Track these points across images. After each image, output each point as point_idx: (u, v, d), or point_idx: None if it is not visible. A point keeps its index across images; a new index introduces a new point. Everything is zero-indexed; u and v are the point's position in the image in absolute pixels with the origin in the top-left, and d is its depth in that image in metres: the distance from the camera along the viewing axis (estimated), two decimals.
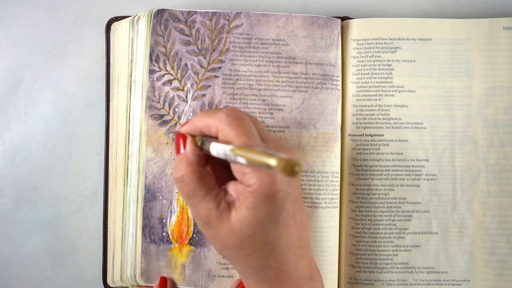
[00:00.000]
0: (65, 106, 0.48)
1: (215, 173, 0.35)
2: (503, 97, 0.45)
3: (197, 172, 0.32)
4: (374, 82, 0.45)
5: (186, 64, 0.44)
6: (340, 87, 0.45)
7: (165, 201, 0.43)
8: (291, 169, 0.25)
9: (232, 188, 0.32)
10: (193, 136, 0.34)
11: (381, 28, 0.45)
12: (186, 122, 0.35)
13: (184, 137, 0.34)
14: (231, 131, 0.31)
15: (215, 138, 0.33)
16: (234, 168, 0.31)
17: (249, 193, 0.30)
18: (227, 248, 0.32)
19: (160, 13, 0.44)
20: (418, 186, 0.44)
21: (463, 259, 0.44)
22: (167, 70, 0.44)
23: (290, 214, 0.32)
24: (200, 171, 0.33)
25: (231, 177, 0.33)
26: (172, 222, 0.43)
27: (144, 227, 0.43)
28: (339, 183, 0.44)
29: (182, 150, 0.34)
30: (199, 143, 0.33)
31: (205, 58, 0.44)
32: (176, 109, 0.44)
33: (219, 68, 0.44)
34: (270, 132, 0.44)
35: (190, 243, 0.43)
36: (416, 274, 0.44)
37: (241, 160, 0.28)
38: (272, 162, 0.26)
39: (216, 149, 0.31)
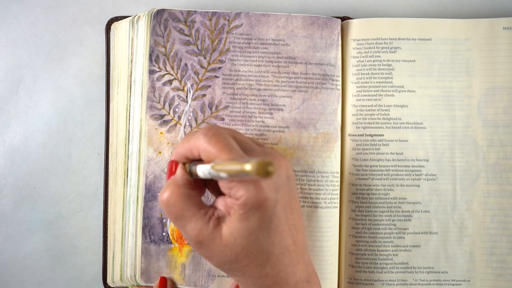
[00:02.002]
0: (65, 106, 0.48)
1: (214, 190, 0.35)
2: (503, 97, 0.45)
3: (183, 194, 0.33)
4: (374, 82, 0.45)
5: (186, 64, 0.44)
6: (340, 87, 0.45)
7: None
8: (264, 170, 0.25)
9: (221, 203, 0.32)
10: (183, 163, 0.35)
11: (381, 28, 0.45)
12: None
13: (175, 164, 0.34)
14: (212, 149, 0.31)
15: (201, 161, 0.33)
16: (222, 185, 0.32)
17: (239, 206, 0.31)
18: (223, 263, 0.32)
19: (160, 13, 0.44)
20: (418, 186, 0.44)
21: (463, 259, 0.44)
22: (167, 70, 0.44)
23: (282, 220, 0.32)
24: (187, 193, 0.33)
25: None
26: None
27: (144, 227, 0.43)
28: (339, 183, 0.44)
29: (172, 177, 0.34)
30: (188, 169, 0.34)
31: (205, 58, 0.44)
32: (176, 109, 0.44)
33: (219, 68, 0.44)
34: (270, 132, 0.44)
35: None
36: (416, 274, 0.44)
37: (223, 174, 0.29)
38: (247, 167, 0.26)
39: (202, 170, 0.31)
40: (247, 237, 0.31)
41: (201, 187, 0.35)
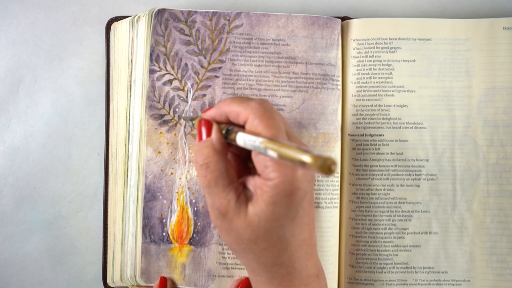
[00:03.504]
0: (65, 106, 0.48)
1: (235, 164, 0.34)
2: (503, 97, 0.45)
3: (223, 161, 0.32)
4: (374, 82, 0.45)
5: (186, 64, 0.44)
6: (340, 87, 0.45)
7: (165, 201, 0.43)
8: (328, 167, 0.25)
9: (250, 181, 0.32)
10: (218, 123, 0.33)
11: (381, 28, 0.45)
12: (210, 108, 0.34)
13: (208, 123, 0.33)
14: (262, 122, 0.30)
15: (240, 127, 0.32)
16: (256, 160, 0.31)
17: (269, 187, 0.30)
18: (240, 241, 0.32)
19: (160, 13, 0.44)
20: (418, 186, 0.45)
21: (463, 259, 0.44)
22: (167, 70, 0.44)
23: (306, 212, 0.32)
24: (225, 161, 0.32)
25: (248, 170, 0.33)
26: (172, 222, 0.43)
27: (144, 227, 0.43)
28: (339, 183, 0.44)
29: (204, 137, 0.33)
30: (223, 131, 0.32)
31: (205, 58, 0.44)
32: (177, 109, 0.44)
33: (220, 68, 0.44)
34: None
35: (190, 243, 0.43)
36: (416, 274, 0.44)
37: (272, 153, 0.27)
38: (307, 159, 0.25)
39: (244, 139, 0.30)
40: (271, 221, 0.30)
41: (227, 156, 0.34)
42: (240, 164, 0.35)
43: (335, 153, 0.44)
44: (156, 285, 0.42)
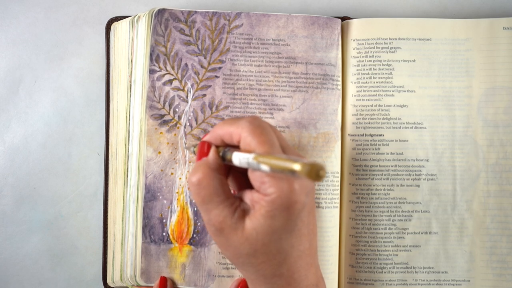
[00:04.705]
0: (65, 106, 0.48)
1: (236, 182, 0.35)
2: (503, 97, 0.45)
3: (216, 178, 0.32)
4: (374, 82, 0.45)
5: (186, 64, 0.44)
6: (340, 87, 0.45)
7: (165, 201, 0.43)
8: (316, 173, 0.25)
9: (247, 196, 0.32)
10: (216, 146, 0.34)
11: (381, 28, 0.45)
12: (206, 134, 0.35)
13: (207, 145, 0.34)
14: (254, 139, 0.31)
15: (236, 148, 0.32)
16: (253, 177, 0.31)
17: (267, 202, 0.30)
18: (239, 255, 0.32)
19: (160, 12, 0.44)
20: (418, 186, 0.45)
21: (463, 259, 0.44)
22: (167, 70, 0.44)
23: (305, 224, 0.32)
24: (218, 178, 0.32)
25: (249, 185, 0.33)
26: (172, 222, 0.43)
27: (144, 227, 0.43)
28: (339, 183, 0.44)
29: (204, 158, 0.33)
30: (221, 153, 0.33)
31: (205, 58, 0.44)
32: (177, 109, 0.44)
33: (220, 68, 0.44)
34: None
35: (190, 243, 0.43)
36: (416, 274, 0.44)
37: (264, 167, 0.28)
38: (297, 167, 0.25)
39: (239, 158, 0.31)
40: (269, 235, 0.31)
41: (226, 175, 0.34)
42: (243, 180, 0.35)
43: (335, 153, 0.44)
44: (156, 285, 0.42)
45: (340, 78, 0.45)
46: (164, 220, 0.43)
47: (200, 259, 0.43)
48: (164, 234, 0.43)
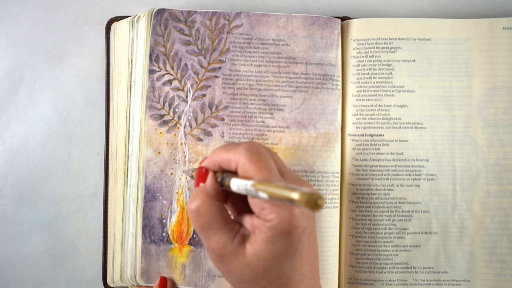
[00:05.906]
0: (65, 106, 0.48)
1: (234, 206, 0.35)
2: (503, 97, 0.45)
3: (214, 205, 0.32)
4: (374, 82, 0.45)
5: (186, 64, 0.44)
6: (340, 87, 0.45)
7: (165, 201, 0.43)
8: (314, 202, 0.25)
9: (247, 221, 0.32)
10: (214, 172, 0.34)
11: (381, 28, 0.45)
12: (204, 159, 0.35)
13: (206, 171, 0.34)
14: (252, 166, 0.31)
15: (234, 174, 0.32)
16: (253, 203, 0.31)
17: (268, 228, 0.30)
18: (240, 280, 0.32)
19: (160, 13, 0.44)
20: (418, 186, 0.45)
21: (463, 259, 0.44)
22: (167, 70, 0.44)
23: (305, 248, 0.32)
24: (217, 204, 0.32)
25: (249, 210, 0.33)
26: (172, 222, 0.43)
27: (144, 227, 0.43)
28: (339, 183, 0.44)
29: (201, 184, 0.33)
30: (219, 179, 0.33)
31: (205, 58, 0.44)
32: (176, 109, 0.44)
33: (219, 68, 0.44)
34: (270, 132, 0.44)
35: (190, 243, 0.43)
36: (416, 274, 0.44)
37: (263, 195, 0.28)
38: (295, 196, 0.25)
39: (237, 185, 0.31)
40: (270, 260, 0.31)
41: (225, 200, 0.34)
42: (242, 205, 0.35)
43: (335, 153, 0.44)
44: (156, 285, 0.42)
45: (340, 78, 0.45)
46: (164, 221, 0.43)
47: (200, 259, 0.43)
48: (164, 234, 0.43)
